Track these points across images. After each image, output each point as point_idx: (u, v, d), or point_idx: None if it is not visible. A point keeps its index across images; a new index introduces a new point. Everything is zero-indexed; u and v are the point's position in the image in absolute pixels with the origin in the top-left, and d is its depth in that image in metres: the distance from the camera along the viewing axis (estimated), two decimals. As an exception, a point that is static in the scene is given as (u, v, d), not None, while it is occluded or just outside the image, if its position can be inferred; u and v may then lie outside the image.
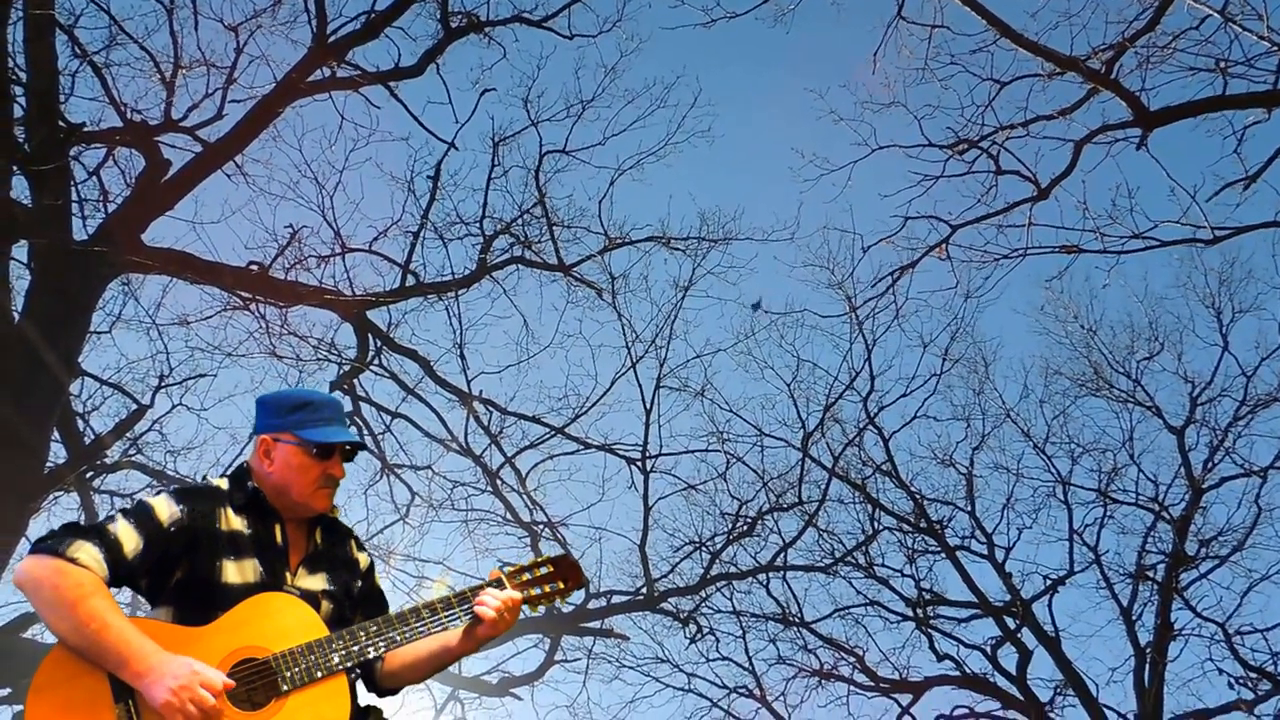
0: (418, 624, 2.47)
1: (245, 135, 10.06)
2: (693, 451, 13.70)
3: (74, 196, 9.51)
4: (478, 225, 11.50)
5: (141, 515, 2.39)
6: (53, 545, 2.28)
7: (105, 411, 10.90)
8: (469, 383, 11.71)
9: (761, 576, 13.92)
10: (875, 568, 14.29)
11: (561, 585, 2.67)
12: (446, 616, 2.50)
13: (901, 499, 14.35)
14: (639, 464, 12.79)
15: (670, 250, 12.44)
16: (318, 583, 2.56)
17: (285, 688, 2.30)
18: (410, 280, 11.07)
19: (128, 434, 10.05)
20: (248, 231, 18.52)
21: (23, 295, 8.79)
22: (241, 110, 10.00)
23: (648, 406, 12.67)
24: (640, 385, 12.82)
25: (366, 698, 2.64)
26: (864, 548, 14.09)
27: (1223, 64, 7.61)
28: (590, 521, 15.77)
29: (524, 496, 12.37)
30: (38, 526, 8.62)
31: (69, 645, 2.23)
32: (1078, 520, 14.30)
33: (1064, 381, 14.67)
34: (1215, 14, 8.01)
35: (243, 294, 10.21)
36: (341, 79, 10.37)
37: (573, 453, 12.73)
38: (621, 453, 12.74)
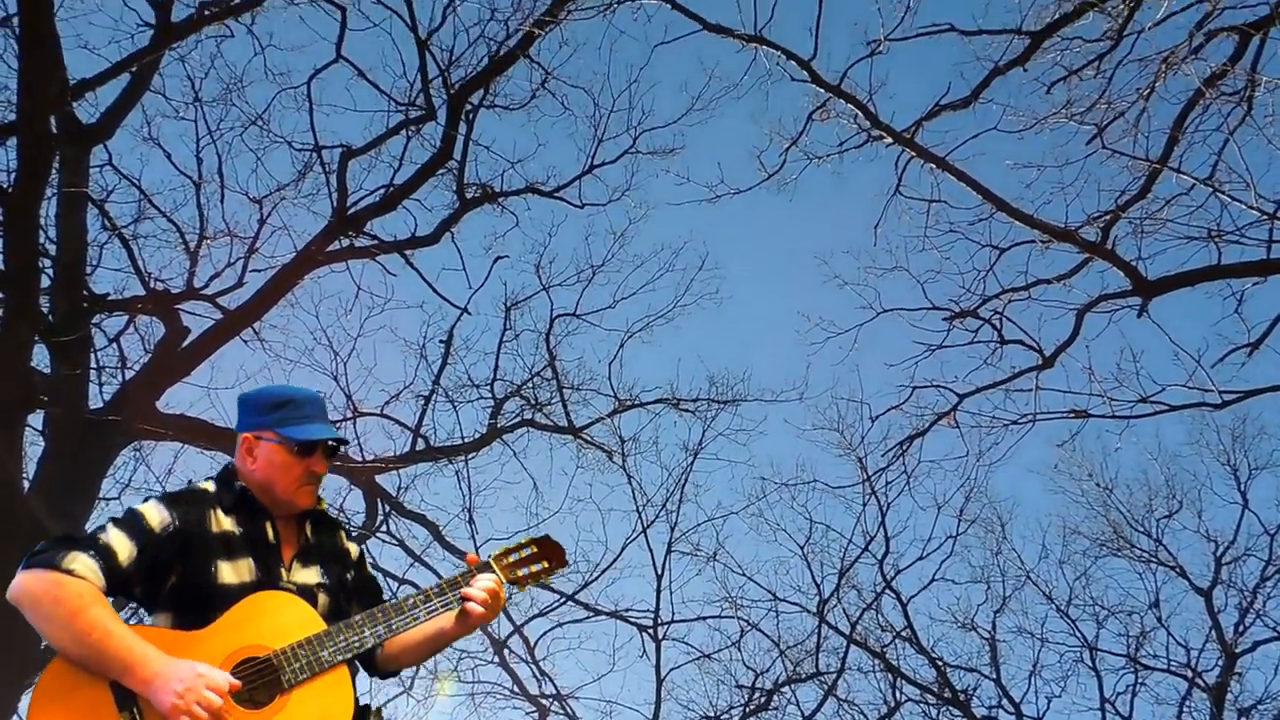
0: (413, 612, 2.51)
1: (264, 303, 10.30)
2: (706, 618, 13.40)
3: (92, 363, 9.71)
4: (489, 389, 11.64)
5: (133, 523, 2.39)
6: (47, 558, 2.25)
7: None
8: (478, 548, 11.57)
9: (779, 751, 13.30)
10: (900, 741, 13.67)
11: (546, 565, 2.74)
12: (439, 603, 2.55)
13: (923, 666, 13.89)
14: (651, 631, 12.46)
15: (680, 412, 12.51)
16: (312, 576, 2.56)
17: (288, 684, 2.31)
18: (420, 444, 11.10)
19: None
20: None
21: (35, 462, 8.85)
22: (262, 278, 10.31)
23: (659, 572, 12.49)
24: (651, 550, 12.67)
25: (365, 696, 2.60)
26: (887, 720, 13.50)
27: (1214, 233, 7.79)
28: (601, 693, 15.22)
29: (532, 667, 12.02)
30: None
31: (70, 657, 2.21)
32: (1108, 687, 13.79)
33: (1083, 541, 14.44)
34: (1202, 184, 8.28)
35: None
36: (359, 248, 10.70)
37: (583, 620, 12.45)
38: (633, 620, 12.45)
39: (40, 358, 9.22)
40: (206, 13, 9.14)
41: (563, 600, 12.18)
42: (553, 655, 12.46)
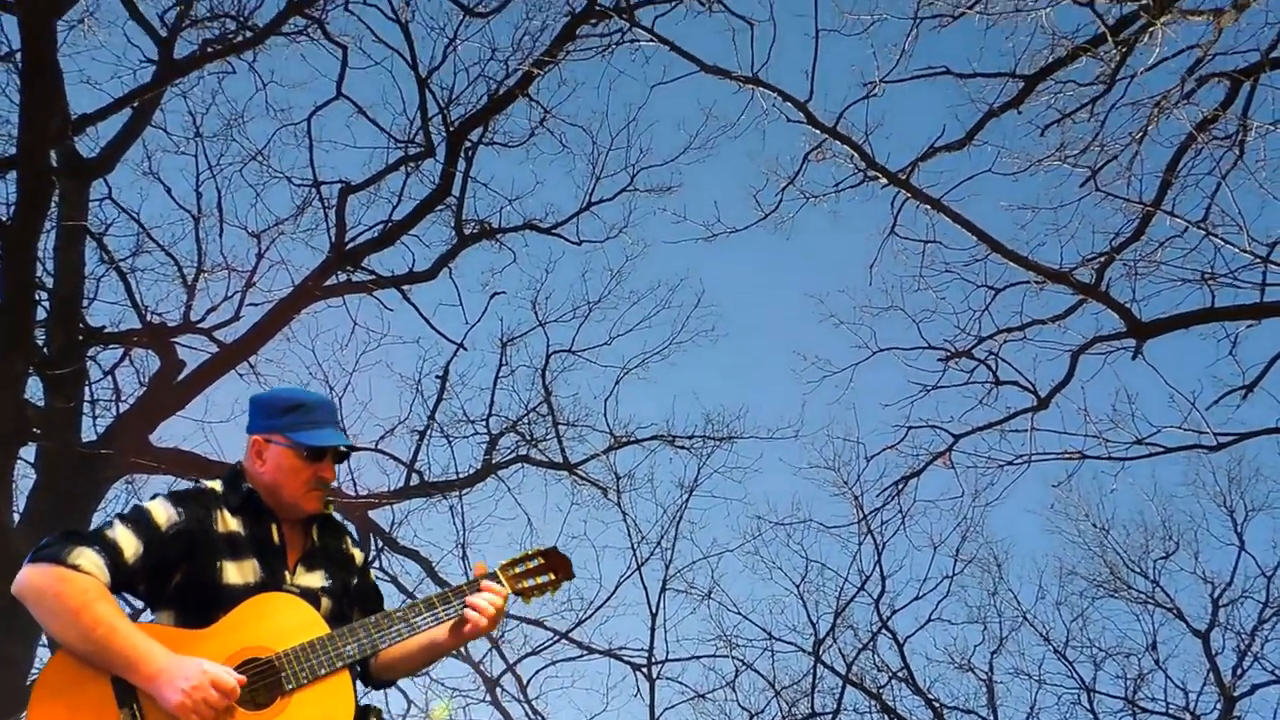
0: (417, 620, 2.49)
1: (260, 337, 10.29)
2: (700, 657, 13.28)
3: (87, 396, 9.69)
4: (484, 424, 11.62)
5: (140, 520, 2.38)
6: (53, 553, 2.24)
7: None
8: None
9: (774, 794, 13.14)
10: (895, 784, 13.51)
11: (552, 577, 2.72)
12: (444, 611, 2.53)
13: (920, 707, 13.75)
14: (644, 670, 12.33)
15: (675, 449, 12.48)
16: (316, 580, 2.55)
17: (289, 686, 2.30)
18: (415, 480, 11.05)
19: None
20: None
21: (25, 495, 8.80)
22: (258, 312, 10.32)
23: (653, 610, 12.39)
24: (646, 587, 12.59)
25: (365, 697, 2.60)
26: (882, 762, 13.34)
27: (1208, 276, 7.83)
28: (594, 734, 15.01)
29: (525, 706, 11.89)
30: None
31: (75, 652, 2.21)
32: (1107, 731, 13.62)
33: (1080, 582, 14.38)
34: (1195, 226, 8.34)
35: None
36: (356, 283, 10.72)
37: (576, 658, 12.33)
38: (627, 659, 12.33)
39: (34, 390, 9.21)
40: (209, 50, 9.24)
41: (556, 638, 12.08)
42: (545, 694, 12.31)
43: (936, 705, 13.65)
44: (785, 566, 13.90)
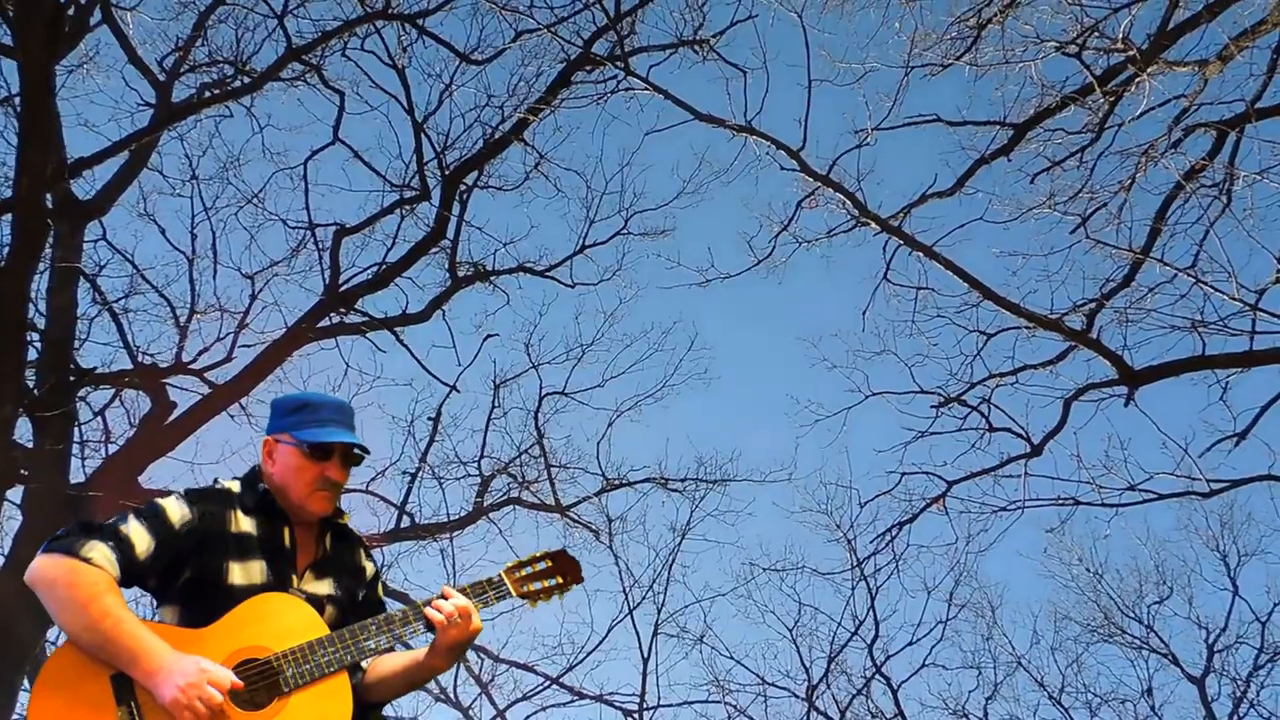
0: (418, 622, 2.45)
1: (253, 378, 10.26)
2: (693, 703, 13.14)
3: (76, 437, 9.63)
4: (476, 466, 11.57)
5: (153, 516, 2.40)
6: (67, 544, 2.28)
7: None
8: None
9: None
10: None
11: (560, 580, 2.64)
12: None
13: (914, 755, 13.58)
14: (636, 716, 12.20)
15: (668, 492, 12.43)
16: (324, 588, 2.54)
17: (287, 688, 2.28)
18: (406, 522, 10.98)
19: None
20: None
21: (10, 537, 8.71)
22: (251, 354, 10.30)
23: (645, 654, 12.27)
24: (637, 631, 12.50)
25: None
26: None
27: (1198, 323, 7.88)
28: (586, 780, 14.85)
29: (514, 753, 11.71)
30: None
31: (81, 643, 2.24)
32: (1104, 778, 13.49)
33: (1075, 627, 14.31)
34: (1184, 274, 8.40)
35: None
36: (350, 325, 10.73)
37: (567, 704, 12.19)
38: (618, 704, 12.21)
39: (23, 430, 9.15)
40: (207, 94, 9.31)
41: (546, 684, 11.95)
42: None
43: (932, 753, 13.51)
44: (778, 611, 13.84)
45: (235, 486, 2.58)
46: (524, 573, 2.62)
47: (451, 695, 11.41)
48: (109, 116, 10.22)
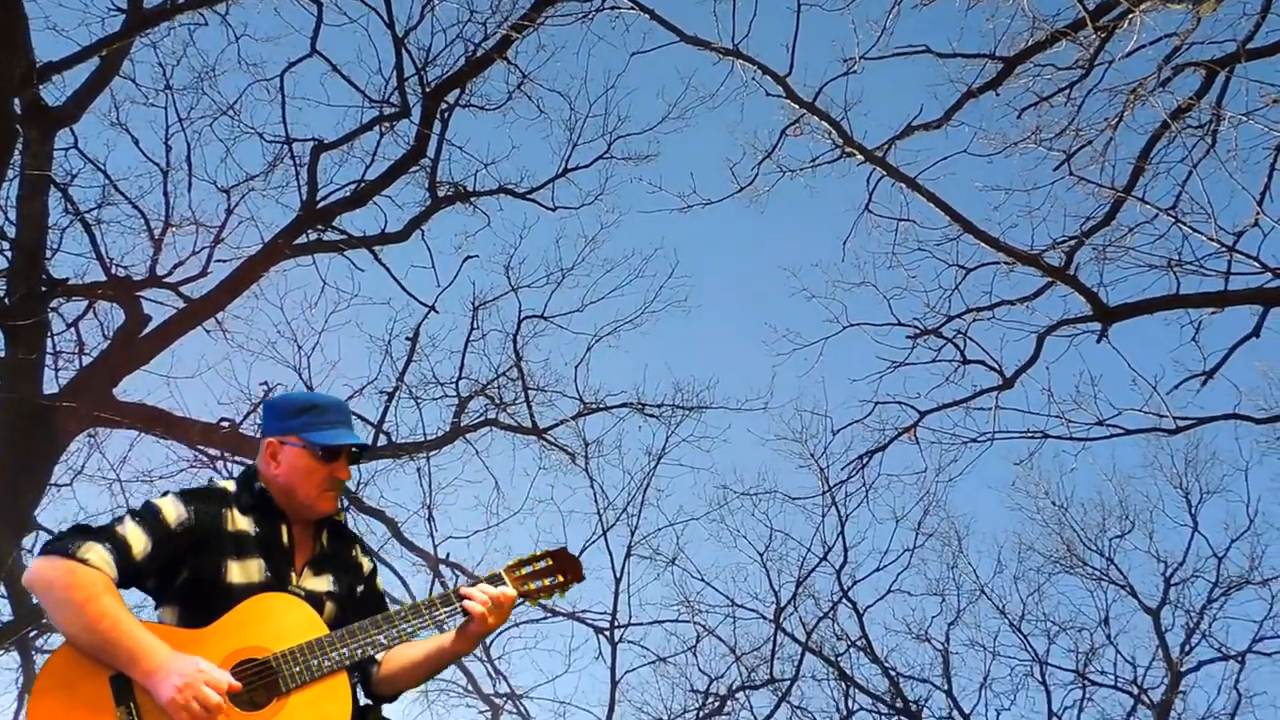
0: (416, 620, 2.47)
1: (228, 293, 10.18)
2: (663, 622, 13.43)
3: (49, 348, 9.55)
4: (453, 387, 11.58)
5: (149, 517, 2.41)
6: (63, 546, 2.30)
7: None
8: (435, 546, 11.52)
9: (731, 758, 13.38)
10: (850, 750, 13.82)
11: (561, 579, 2.66)
12: (445, 613, 2.50)
13: (877, 675, 14.03)
14: (607, 634, 12.47)
15: (644, 417, 12.52)
16: (322, 584, 2.56)
17: (285, 688, 2.30)
18: (382, 440, 11.02)
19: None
20: (221, 388, 18.48)
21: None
22: (227, 269, 10.18)
23: (618, 575, 12.49)
24: (611, 552, 12.69)
25: (365, 697, 2.61)
26: (838, 729, 13.62)
27: (1175, 263, 7.94)
28: (555, 694, 15.17)
29: (487, 665, 11.98)
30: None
31: (79, 645, 2.25)
32: (1056, 702, 14.05)
33: (1037, 558, 14.66)
34: (1165, 214, 8.44)
35: (210, 451, 10.11)
36: (327, 242, 10.61)
37: (539, 620, 12.42)
38: (590, 622, 12.45)
39: (-5, 340, 9.05)
40: (180, 0, 9.02)
41: (521, 601, 12.14)
42: (508, 654, 12.44)
43: (893, 674, 13.94)
44: (750, 535, 14.07)
45: (231, 486, 2.59)
46: (524, 571, 2.63)
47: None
48: (79, 21, 9.84)
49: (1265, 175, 7.85)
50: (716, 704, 13.41)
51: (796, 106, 8.75)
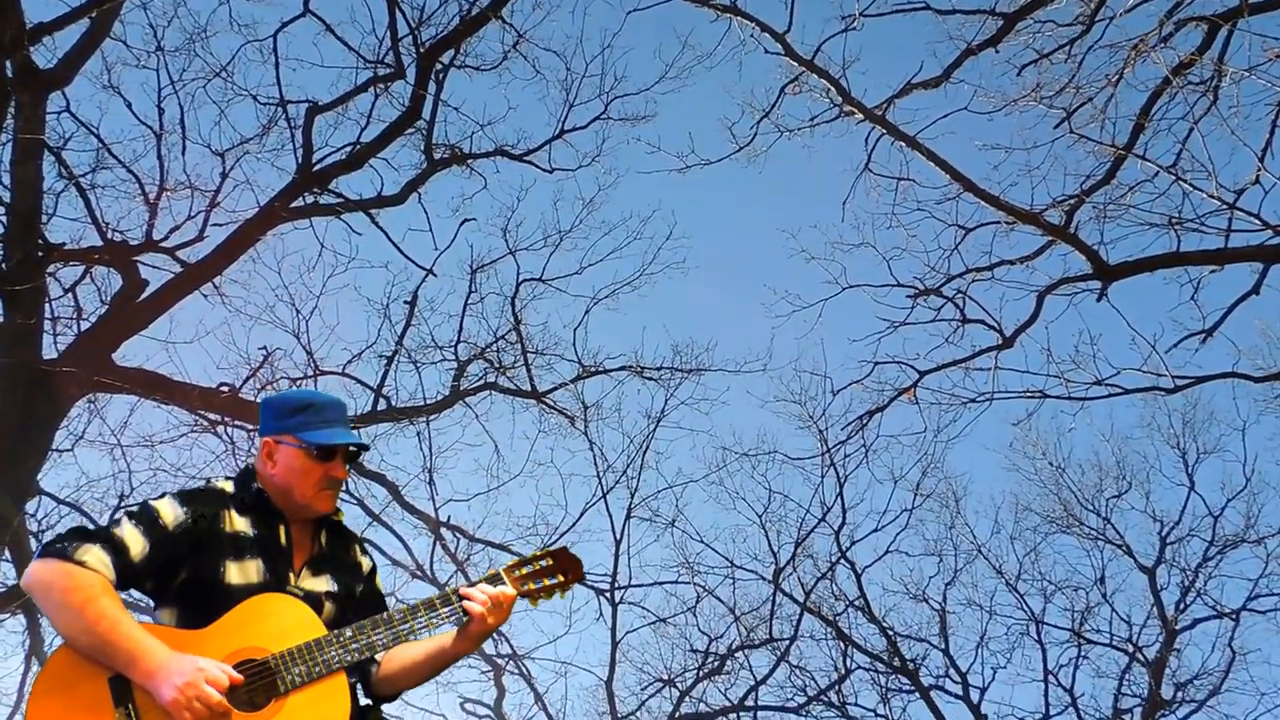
0: (415, 620, 2.47)
1: (225, 257, 10.14)
2: (663, 583, 13.53)
3: (47, 314, 9.53)
4: (452, 350, 11.58)
5: (147, 519, 2.41)
6: (61, 549, 2.31)
7: (61, 531, 10.63)
8: (436, 510, 11.57)
9: (732, 716, 13.54)
10: (848, 707, 14.00)
11: (561, 579, 2.65)
12: (446, 613, 2.50)
13: (874, 635, 14.16)
14: (608, 595, 12.57)
15: (643, 380, 12.53)
16: (321, 584, 2.56)
17: (284, 688, 2.30)
18: (382, 404, 11.04)
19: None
20: (220, 353, 18.41)
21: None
22: (223, 233, 10.13)
23: (618, 537, 12.57)
24: (610, 515, 12.76)
25: (365, 698, 2.62)
26: (837, 687, 13.78)
27: (1175, 221, 7.91)
28: (556, 655, 15.33)
29: (489, 627, 12.05)
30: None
31: (78, 647, 2.26)
32: (1052, 660, 14.18)
33: (1034, 518, 14.74)
34: (1165, 171, 8.39)
35: (210, 416, 10.13)
36: (324, 206, 10.54)
37: (541, 583, 12.48)
38: (590, 583, 12.53)
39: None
40: (170, -42, 8.89)
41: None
42: (510, 615, 12.49)
43: (890, 633, 14.07)
44: (749, 497, 14.12)
45: (229, 486, 2.58)
46: (524, 571, 2.63)
47: (428, 573, 11.69)
48: (68, -20, 9.72)
49: (1267, 132, 7.81)
50: (716, 663, 13.55)
51: (795, 64, 8.68)
